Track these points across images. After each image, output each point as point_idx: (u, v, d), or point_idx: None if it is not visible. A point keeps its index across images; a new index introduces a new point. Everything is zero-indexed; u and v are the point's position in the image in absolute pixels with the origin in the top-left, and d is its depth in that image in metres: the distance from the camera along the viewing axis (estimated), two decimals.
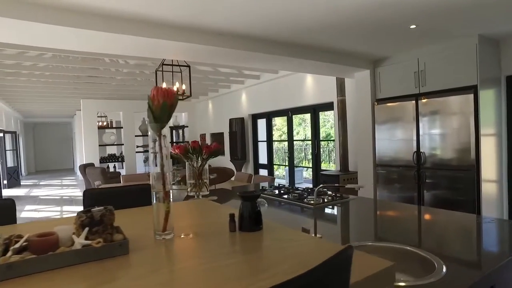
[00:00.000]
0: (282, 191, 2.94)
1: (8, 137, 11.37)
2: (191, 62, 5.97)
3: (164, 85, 4.38)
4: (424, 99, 3.83)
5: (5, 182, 10.75)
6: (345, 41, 3.65)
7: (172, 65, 4.34)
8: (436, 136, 3.76)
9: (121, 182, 5.74)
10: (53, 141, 17.18)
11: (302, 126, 8.49)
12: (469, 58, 3.48)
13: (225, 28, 3.19)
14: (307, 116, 7.06)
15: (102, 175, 7.37)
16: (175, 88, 4.43)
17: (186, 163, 2.89)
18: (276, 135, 8.11)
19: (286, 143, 7.54)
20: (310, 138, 6.72)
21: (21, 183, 11.61)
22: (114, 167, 10.24)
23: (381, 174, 4.36)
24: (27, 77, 6.73)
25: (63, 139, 17.31)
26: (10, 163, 11.32)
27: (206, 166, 2.98)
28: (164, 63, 4.33)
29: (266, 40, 3.56)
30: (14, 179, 11.07)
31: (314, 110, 6.51)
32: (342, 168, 5.30)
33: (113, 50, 3.44)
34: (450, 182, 3.63)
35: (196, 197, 2.79)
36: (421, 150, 3.90)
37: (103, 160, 9.83)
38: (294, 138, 7.42)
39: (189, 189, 2.86)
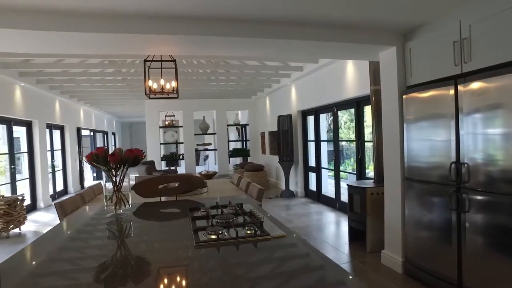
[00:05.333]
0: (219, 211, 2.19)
1: (99, 136, 12.90)
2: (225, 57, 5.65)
3: (150, 83, 4.00)
4: (469, 82, 2.50)
5: (94, 174, 12.21)
6: (362, 8, 2.64)
7: (161, 60, 3.92)
8: (489, 139, 2.40)
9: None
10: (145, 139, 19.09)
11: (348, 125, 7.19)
12: None
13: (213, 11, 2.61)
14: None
15: (146, 171, 7.56)
16: (155, 86, 4.00)
17: (103, 174, 2.42)
18: (324, 134, 7.02)
19: (339, 144, 6.42)
20: (354, 139, 5.52)
21: None
22: (173, 165, 10.54)
23: (412, 189, 3.11)
24: (102, 82, 7.31)
25: None
26: None
27: (129, 177, 2.46)
28: (149, 59, 3.94)
29: (256, 20, 2.83)
30: (102, 172, 12.48)
31: (358, 104, 5.30)
32: (377, 178, 4.08)
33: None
34: None
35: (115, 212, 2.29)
36: (462, 161, 2.57)
37: (164, 158, 10.22)
38: (341, 138, 6.27)
39: (105, 204, 2.38)
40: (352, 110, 5.59)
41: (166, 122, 10.62)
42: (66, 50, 3.69)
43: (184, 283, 1.30)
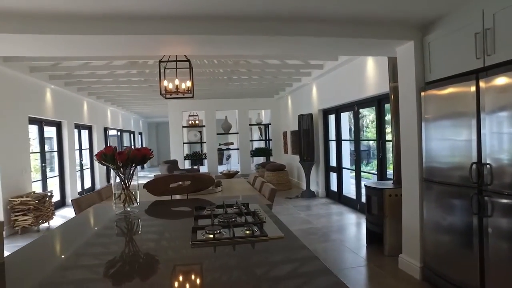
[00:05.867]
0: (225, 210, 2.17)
1: (125, 136, 13.34)
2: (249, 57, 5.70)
3: (165, 83, 4.06)
4: (491, 76, 2.33)
5: None
6: (377, 1, 2.55)
7: (176, 61, 3.97)
8: None
9: None
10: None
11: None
12: None
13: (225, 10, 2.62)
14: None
15: (168, 170, 7.71)
16: (171, 86, 4.05)
17: (112, 172, 2.48)
18: (346, 133, 6.84)
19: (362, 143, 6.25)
20: (375, 138, 5.34)
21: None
22: (196, 164, 10.68)
23: (430, 191, 2.95)
24: (128, 83, 7.56)
25: None
26: None
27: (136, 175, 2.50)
28: (164, 60, 4.00)
29: (268, 18, 2.80)
30: None
31: (379, 102, 5.12)
32: (396, 179, 3.92)
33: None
34: None
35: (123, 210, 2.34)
36: (484, 161, 2.40)
37: (187, 157, 10.38)
38: (367, 137, 6.08)
39: (114, 201, 2.43)
40: (374, 108, 5.41)
41: (190, 122, 10.79)
42: (85, 53, 3.84)
43: (168, 282, 1.29)
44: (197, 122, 10.97)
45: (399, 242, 3.40)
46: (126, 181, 2.34)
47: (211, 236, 1.66)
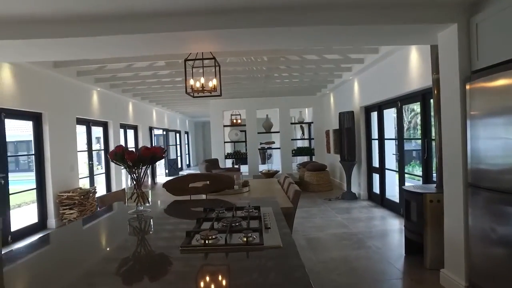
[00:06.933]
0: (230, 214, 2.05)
1: (171, 135, 13.84)
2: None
3: (191, 82, 4.05)
4: None
5: (166, 171, 13.13)
6: None
7: (203, 59, 3.93)
8: None
9: None
10: None
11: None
12: None
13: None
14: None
15: (206, 169, 7.80)
16: (198, 85, 4.01)
17: (124, 171, 2.48)
18: (391, 132, 6.33)
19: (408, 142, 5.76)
20: (420, 137, 4.85)
21: (179, 173, 13.91)
22: (237, 163, 10.70)
23: (477, 197, 2.54)
24: (171, 83, 7.82)
25: None
26: (173, 156, 13.77)
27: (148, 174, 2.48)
28: (189, 58, 3.97)
29: (285, 7, 2.62)
30: (173, 169, 13.37)
31: (424, 97, 4.63)
32: (439, 183, 3.48)
33: None
34: None
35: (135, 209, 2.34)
36: None
37: (228, 156, 10.45)
38: (406, 136, 5.57)
39: (126, 200, 2.43)
40: (418, 104, 4.92)
41: (233, 121, 10.84)
42: (117, 54, 3.96)
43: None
44: (239, 121, 10.99)
45: (442, 254, 3.00)
46: (138, 180, 2.33)
47: (204, 241, 1.55)
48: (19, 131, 7.19)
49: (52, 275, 1.32)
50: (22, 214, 5.92)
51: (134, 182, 2.34)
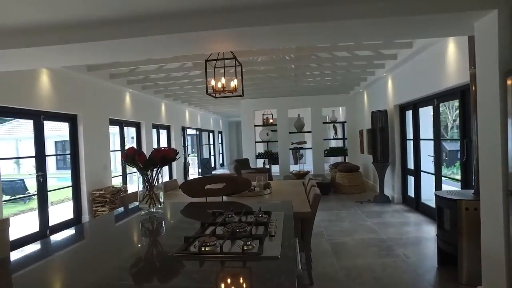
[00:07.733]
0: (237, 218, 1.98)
1: (204, 135, 14.06)
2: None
3: (212, 82, 4.02)
4: None
5: (199, 170, 13.36)
6: None
7: (224, 59, 3.88)
8: None
9: None
10: None
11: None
12: None
13: None
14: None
15: (235, 169, 7.80)
16: (219, 85, 3.96)
17: (136, 173, 2.50)
18: (428, 131, 5.91)
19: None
20: (458, 138, 4.46)
21: (212, 172, 14.11)
22: (268, 163, 10.61)
23: None
24: (202, 84, 7.87)
25: None
26: (206, 155, 14.00)
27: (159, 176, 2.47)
28: (210, 58, 3.94)
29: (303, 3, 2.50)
30: (206, 168, 13.58)
31: (463, 94, 4.26)
32: (477, 188, 3.15)
33: None
34: None
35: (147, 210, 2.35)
36: None
37: (259, 156, 10.40)
38: (444, 137, 5.16)
39: (139, 202, 2.44)
40: (457, 101, 4.52)
41: (265, 120, 10.76)
42: (141, 56, 4.03)
43: None
44: (271, 120, 10.89)
45: (480, 268, 2.71)
46: (150, 182, 2.33)
47: (202, 248, 1.49)
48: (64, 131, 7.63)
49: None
50: (61, 210, 6.27)
51: (147, 184, 2.34)
